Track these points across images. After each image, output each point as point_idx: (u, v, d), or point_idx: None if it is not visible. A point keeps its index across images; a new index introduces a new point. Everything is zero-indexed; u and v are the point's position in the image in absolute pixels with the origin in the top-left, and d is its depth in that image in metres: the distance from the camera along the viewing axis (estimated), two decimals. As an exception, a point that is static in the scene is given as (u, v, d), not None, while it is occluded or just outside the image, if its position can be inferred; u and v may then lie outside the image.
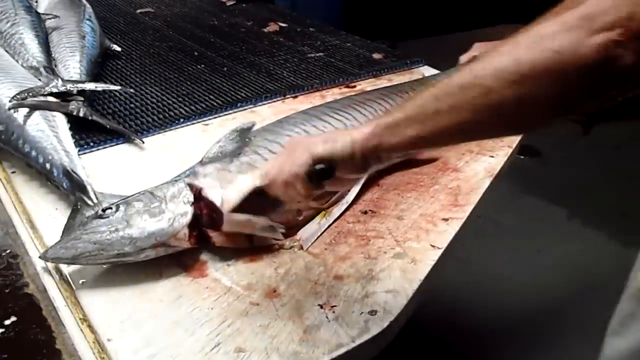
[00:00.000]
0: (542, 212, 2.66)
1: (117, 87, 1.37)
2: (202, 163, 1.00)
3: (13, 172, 1.10)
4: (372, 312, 0.79)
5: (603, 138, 3.25)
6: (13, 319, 0.73)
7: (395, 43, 3.20)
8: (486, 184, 1.10)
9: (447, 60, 1.46)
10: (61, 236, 0.90)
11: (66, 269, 0.86)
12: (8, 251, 0.88)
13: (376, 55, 1.69)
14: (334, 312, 0.79)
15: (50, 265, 0.86)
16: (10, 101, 1.16)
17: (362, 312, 0.79)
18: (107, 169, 1.12)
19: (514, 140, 1.26)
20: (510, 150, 1.22)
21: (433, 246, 0.93)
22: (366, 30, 2.18)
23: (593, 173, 2.88)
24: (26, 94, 1.19)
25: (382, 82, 1.53)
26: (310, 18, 2.08)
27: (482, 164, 1.16)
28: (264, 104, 1.40)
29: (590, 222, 2.52)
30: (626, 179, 2.71)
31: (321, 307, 0.80)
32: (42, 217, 0.98)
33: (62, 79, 1.28)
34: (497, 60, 0.63)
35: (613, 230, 2.41)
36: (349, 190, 1.01)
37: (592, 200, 2.64)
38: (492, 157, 1.18)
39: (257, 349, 0.74)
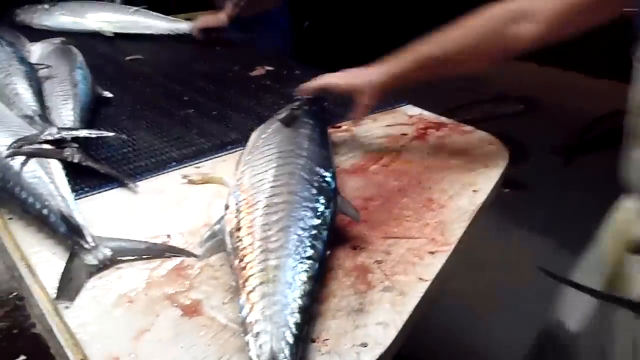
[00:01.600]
0: (528, 244, 2.71)
1: (111, 134, 1.40)
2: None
3: (10, 219, 1.13)
4: (364, 344, 0.82)
5: (585, 168, 3.33)
6: (22, 358, 0.76)
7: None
8: (470, 217, 1.14)
9: (429, 97, 1.52)
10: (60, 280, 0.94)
11: (65, 311, 0.88)
12: (15, 294, 0.90)
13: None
14: (326, 345, 0.82)
15: (50, 307, 0.88)
16: (7, 149, 1.19)
17: (353, 345, 0.82)
18: (102, 213, 1.15)
19: (497, 173, 1.31)
20: (493, 184, 1.26)
21: (420, 279, 0.96)
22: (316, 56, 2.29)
23: (577, 203, 2.94)
24: (22, 142, 1.22)
25: (367, 121, 1.58)
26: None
27: (465, 198, 1.20)
28: (254, 146, 1.44)
29: (577, 252, 2.57)
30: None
31: (313, 341, 0.83)
32: (40, 262, 1.00)
33: (57, 127, 1.32)
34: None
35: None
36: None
37: (577, 231, 2.69)
38: (475, 191, 1.23)
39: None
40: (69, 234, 1.04)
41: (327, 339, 0.83)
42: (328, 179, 1.09)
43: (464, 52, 1.20)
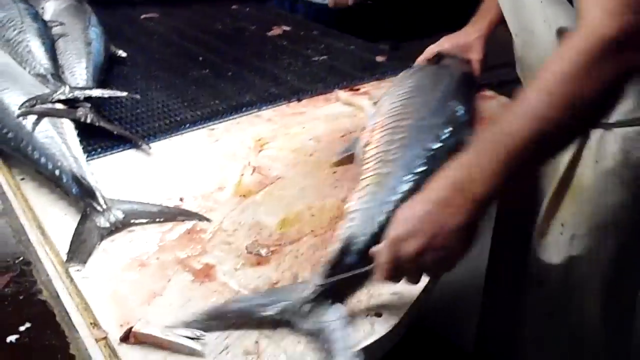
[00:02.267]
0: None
1: (124, 94, 1.38)
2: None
3: (22, 179, 1.12)
4: (378, 315, 0.81)
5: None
6: (27, 325, 0.75)
7: (398, 43, 3.21)
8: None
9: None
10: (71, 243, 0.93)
11: (76, 273, 0.87)
12: (21, 258, 0.89)
13: (379, 58, 1.70)
14: (340, 314, 0.81)
15: (61, 270, 0.88)
16: (19, 108, 1.17)
17: (367, 315, 0.81)
18: (115, 175, 1.14)
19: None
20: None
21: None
22: (367, 31, 2.19)
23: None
24: (34, 102, 1.20)
25: (386, 84, 1.54)
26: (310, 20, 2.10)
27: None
28: (269, 108, 1.42)
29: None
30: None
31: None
32: (52, 224, 0.99)
33: (70, 86, 1.30)
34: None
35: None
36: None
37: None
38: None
39: (264, 351, 0.75)
40: (81, 195, 1.02)
41: (341, 308, 0.82)
42: (460, 112, 1.16)
43: None
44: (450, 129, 1.09)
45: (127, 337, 0.75)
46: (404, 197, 0.92)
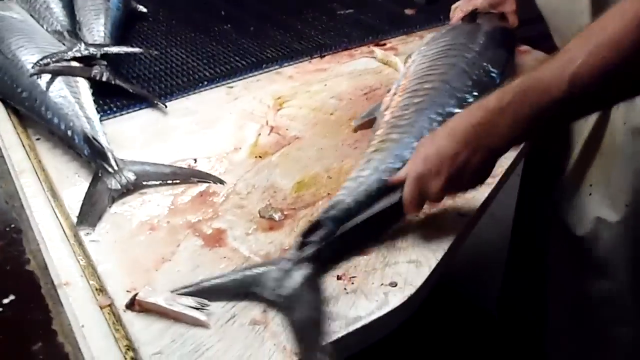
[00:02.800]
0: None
1: (140, 50, 1.34)
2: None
3: (37, 139, 1.10)
4: (393, 284, 0.77)
5: None
6: (12, 297, 0.73)
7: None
8: (496, 183, 1.03)
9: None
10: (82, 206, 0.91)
11: (85, 237, 0.86)
12: (12, 226, 0.87)
13: (408, 11, 1.62)
14: (352, 283, 0.77)
15: (69, 233, 0.86)
16: (32, 67, 1.15)
17: (382, 284, 0.77)
18: (130, 135, 1.11)
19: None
20: (518, 149, 1.15)
21: (460, 214, 0.89)
22: None
23: None
24: (49, 60, 1.18)
25: (414, 39, 1.47)
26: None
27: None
28: (290, 65, 1.36)
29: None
30: None
31: (339, 279, 0.78)
32: (63, 184, 0.97)
33: (86, 43, 1.27)
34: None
35: None
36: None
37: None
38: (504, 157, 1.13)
39: (272, 322, 0.72)
40: (92, 156, 1.00)
41: (354, 277, 0.78)
42: (493, 74, 1.08)
43: None
44: (476, 93, 1.01)
45: (132, 304, 0.73)
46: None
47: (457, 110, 0.96)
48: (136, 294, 0.74)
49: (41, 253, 0.81)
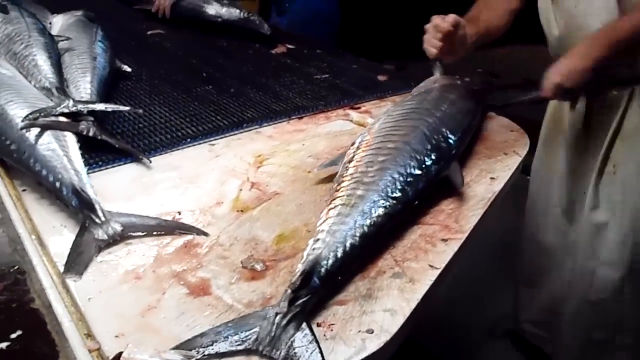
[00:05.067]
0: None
1: (127, 108, 1.40)
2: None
3: (24, 190, 1.13)
4: (369, 331, 0.81)
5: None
6: (19, 332, 0.76)
7: (405, 62, 3.23)
8: (486, 205, 1.12)
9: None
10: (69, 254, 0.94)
11: (72, 284, 0.88)
12: (16, 267, 0.90)
13: (381, 77, 1.72)
14: (331, 330, 0.81)
15: (57, 280, 0.88)
16: (22, 121, 1.19)
17: (359, 331, 0.81)
18: (115, 188, 1.15)
19: (515, 161, 1.28)
20: (511, 172, 1.24)
21: (431, 266, 0.95)
22: (372, 51, 2.22)
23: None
24: (38, 114, 1.22)
25: (386, 103, 1.56)
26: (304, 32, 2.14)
27: (482, 186, 1.17)
28: (269, 125, 1.43)
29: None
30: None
31: (319, 326, 0.82)
32: (50, 234, 1.00)
33: (73, 100, 1.31)
34: None
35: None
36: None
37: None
38: (493, 178, 1.20)
39: (256, 366, 0.75)
40: (80, 207, 1.03)
41: (332, 324, 0.82)
42: (450, 140, 1.16)
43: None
44: (434, 157, 1.09)
45: (117, 361, 0.75)
46: (376, 223, 0.95)
47: (417, 171, 1.05)
48: (121, 353, 0.76)
49: (45, 292, 0.84)
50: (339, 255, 0.89)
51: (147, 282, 0.90)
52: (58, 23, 1.84)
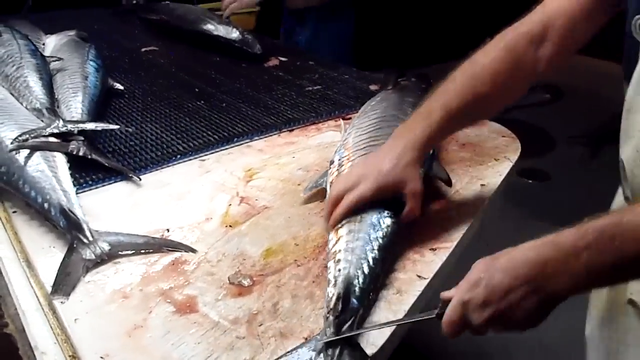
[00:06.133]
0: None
1: (117, 127, 1.41)
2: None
3: (14, 212, 1.13)
4: (356, 344, 0.81)
5: (612, 160, 3.24)
6: None
7: (405, 71, 3.23)
8: (476, 213, 1.11)
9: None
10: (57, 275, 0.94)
11: (60, 306, 0.88)
12: (-8, 291, 0.91)
13: (372, 87, 1.72)
14: (318, 344, 0.81)
15: (44, 302, 0.88)
16: (11, 143, 1.20)
17: (346, 344, 0.80)
18: (105, 207, 1.15)
19: (507, 166, 1.27)
20: (502, 178, 1.23)
21: (419, 277, 0.94)
22: (376, 60, 2.22)
23: (603, 196, 2.86)
24: (28, 136, 1.23)
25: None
26: (322, 53, 2.14)
27: (472, 192, 1.17)
28: (260, 139, 1.43)
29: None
30: (635, 201, 2.70)
31: (306, 340, 0.81)
32: (39, 255, 1.00)
33: (64, 120, 1.32)
34: None
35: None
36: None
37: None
38: (484, 185, 1.20)
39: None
40: (68, 228, 1.04)
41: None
42: None
43: (488, 97, 1.02)
44: None
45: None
46: (387, 232, 0.96)
47: None
48: None
49: (19, 317, 0.84)
50: (366, 270, 0.89)
51: (134, 301, 0.90)
52: (51, 43, 1.86)
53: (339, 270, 0.89)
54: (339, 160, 1.16)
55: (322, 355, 0.77)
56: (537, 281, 0.69)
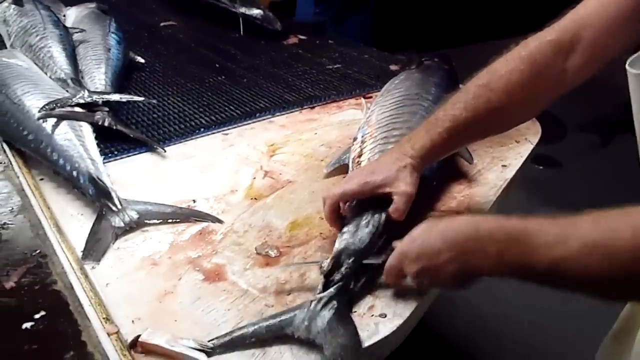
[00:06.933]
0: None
1: (141, 98, 1.42)
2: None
3: (41, 179, 1.15)
4: (382, 315, 0.82)
5: (623, 148, 3.24)
6: (42, 313, 0.79)
7: (419, 53, 3.22)
8: (498, 192, 1.12)
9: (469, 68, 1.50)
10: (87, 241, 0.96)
11: (91, 270, 0.90)
12: (38, 251, 0.93)
13: (392, 67, 1.72)
14: (345, 314, 0.82)
15: (75, 266, 0.90)
16: (39, 111, 1.21)
17: (372, 315, 0.82)
18: (131, 177, 1.17)
19: (527, 148, 1.28)
20: (523, 160, 1.24)
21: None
22: (396, 41, 2.22)
23: (613, 184, 2.87)
24: (54, 105, 1.24)
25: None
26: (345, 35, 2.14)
27: (494, 173, 1.18)
28: (282, 114, 1.44)
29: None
30: (647, 189, 2.71)
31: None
32: (68, 222, 1.02)
33: (89, 90, 1.33)
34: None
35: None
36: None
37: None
38: (505, 166, 1.21)
39: (270, 349, 0.77)
40: (97, 196, 1.05)
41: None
42: None
43: (503, 111, 0.94)
44: None
45: (135, 345, 0.77)
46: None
47: None
48: (138, 336, 0.78)
49: (66, 275, 0.87)
50: (367, 240, 0.90)
51: (163, 269, 0.92)
52: (72, 15, 1.86)
53: (342, 240, 0.90)
54: (362, 137, 1.17)
55: (305, 310, 0.80)
56: (460, 252, 0.74)
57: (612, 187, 2.83)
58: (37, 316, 0.79)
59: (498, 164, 1.21)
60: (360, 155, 1.12)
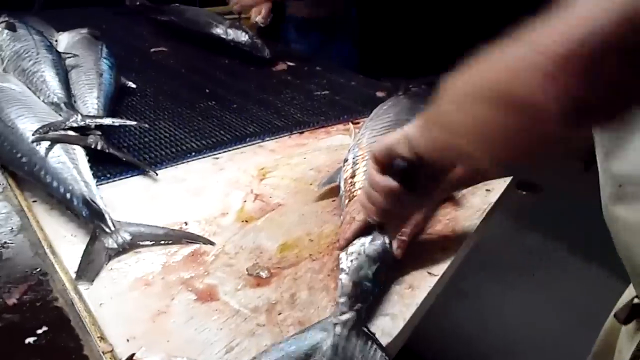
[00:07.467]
0: (543, 248, 2.71)
1: (133, 122, 1.44)
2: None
3: (34, 201, 1.16)
4: (371, 334, 0.84)
5: (604, 175, 3.30)
6: (44, 328, 0.80)
7: (410, 80, 3.28)
8: (482, 215, 1.16)
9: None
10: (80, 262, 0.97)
11: (85, 291, 0.92)
12: (38, 269, 0.94)
13: (379, 93, 1.77)
14: (335, 333, 0.84)
15: (69, 286, 0.92)
16: (33, 135, 1.23)
17: (360, 334, 0.84)
18: (123, 199, 1.18)
19: (510, 175, 1.32)
20: (507, 184, 1.28)
21: (430, 273, 0.98)
22: (380, 68, 2.27)
23: (595, 209, 2.92)
24: (48, 128, 1.26)
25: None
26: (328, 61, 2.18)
27: (478, 197, 1.22)
28: (272, 139, 1.48)
29: (592, 258, 2.56)
30: (626, 215, 2.76)
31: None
32: (62, 243, 1.04)
33: (82, 114, 1.36)
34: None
35: (614, 266, 2.46)
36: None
37: (593, 237, 2.69)
38: (489, 190, 1.25)
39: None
40: (90, 217, 1.07)
41: (335, 328, 0.86)
42: None
43: None
44: None
45: (130, 363, 0.79)
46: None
47: None
48: (133, 354, 0.80)
49: (67, 292, 0.89)
50: (376, 257, 0.93)
51: (156, 289, 0.94)
52: (64, 41, 1.89)
53: (351, 261, 0.93)
54: (354, 158, 1.20)
55: (331, 335, 0.81)
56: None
57: (594, 212, 2.89)
58: (39, 331, 0.81)
59: (482, 189, 1.25)
60: (353, 176, 1.14)
